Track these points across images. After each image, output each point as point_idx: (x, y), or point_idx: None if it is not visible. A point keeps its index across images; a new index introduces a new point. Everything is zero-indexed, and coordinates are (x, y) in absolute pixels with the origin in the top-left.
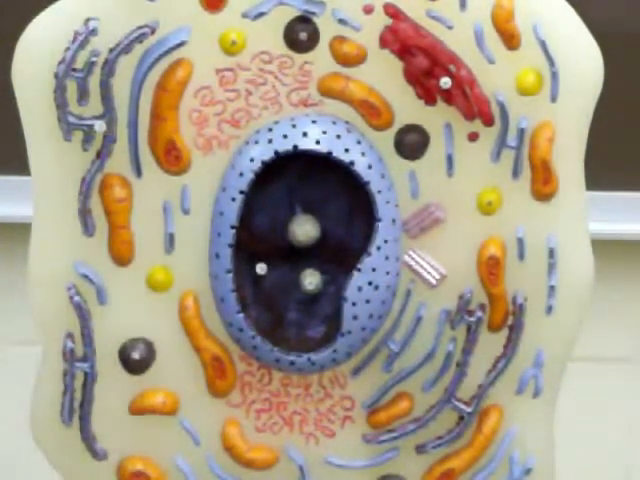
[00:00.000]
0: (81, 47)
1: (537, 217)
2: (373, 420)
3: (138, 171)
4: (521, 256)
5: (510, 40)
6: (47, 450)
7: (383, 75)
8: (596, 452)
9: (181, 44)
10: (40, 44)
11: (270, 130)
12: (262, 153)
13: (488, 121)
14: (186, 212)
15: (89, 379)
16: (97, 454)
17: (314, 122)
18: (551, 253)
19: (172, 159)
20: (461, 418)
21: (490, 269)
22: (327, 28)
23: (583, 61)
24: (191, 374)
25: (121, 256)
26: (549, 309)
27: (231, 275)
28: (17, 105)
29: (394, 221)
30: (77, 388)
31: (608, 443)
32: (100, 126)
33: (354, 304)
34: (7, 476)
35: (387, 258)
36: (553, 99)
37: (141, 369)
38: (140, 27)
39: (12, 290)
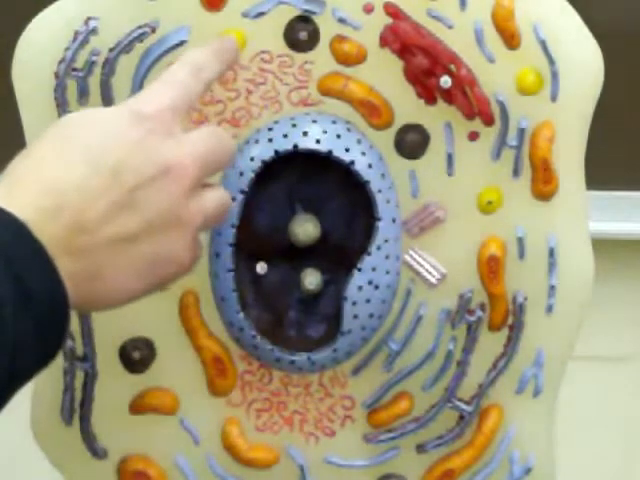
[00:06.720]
0: (81, 46)
1: (537, 216)
2: (373, 419)
3: None
4: (521, 256)
5: (510, 39)
6: (47, 449)
7: (383, 74)
8: (596, 452)
9: (181, 43)
10: (40, 44)
11: (270, 129)
12: (262, 152)
13: (488, 120)
14: None
15: (89, 378)
16: (97, 453)
17: (314, 121)
18: (551, 253)
19: None
20: (461, 417)
21: (490, 268)
22: (327, 27)
23: (583, 61)
24: (191, 373)
25: None
26: (549, 308)
27: (232, 274)
28: (17, 105)
29: (394, 220)
30: (77, 387)
31: (608, 443)
32: None
33: (354, 303)
34: (7, 476)
35: (387, 257)
36: (553, 99)
37: (141, 368)
38: (140, 26)
39: None
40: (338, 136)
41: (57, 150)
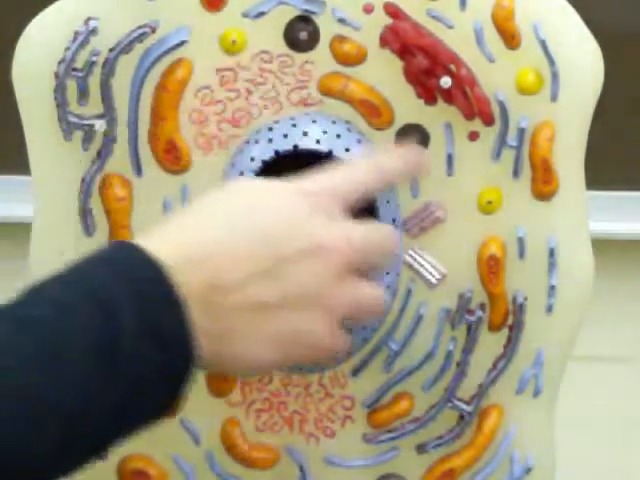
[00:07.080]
0: (81, 46)
1: (537, 216)
2: (373, 420)
3: (138, 170)
4: (521, 255)
5: (510, 39)
6: None
7: (383, 75)
8: (596, 452)
9: (181, 44)
10: (40, 44)
11: (270, 129)
12: (262, 152)
13: (488, 120)
14: None
15: None
16: None
17: (314, 121)
18: (551, 252)
19: (172, 158)
20: (461, 417)
21: (490, 268)
22: (327, 27)
23: (583, 61)
24: None
25: None
26: (549, 308)
27: None
28: (17, 105)
29: (394, 220)
30: None
31: (608, 443)
32: (100, 126)
33: None
34: None
35: None
36: (553, 98)
37: None
38: (140, 27)
39: (12, 290)
40: (338, 136)
41: (216, 212)
